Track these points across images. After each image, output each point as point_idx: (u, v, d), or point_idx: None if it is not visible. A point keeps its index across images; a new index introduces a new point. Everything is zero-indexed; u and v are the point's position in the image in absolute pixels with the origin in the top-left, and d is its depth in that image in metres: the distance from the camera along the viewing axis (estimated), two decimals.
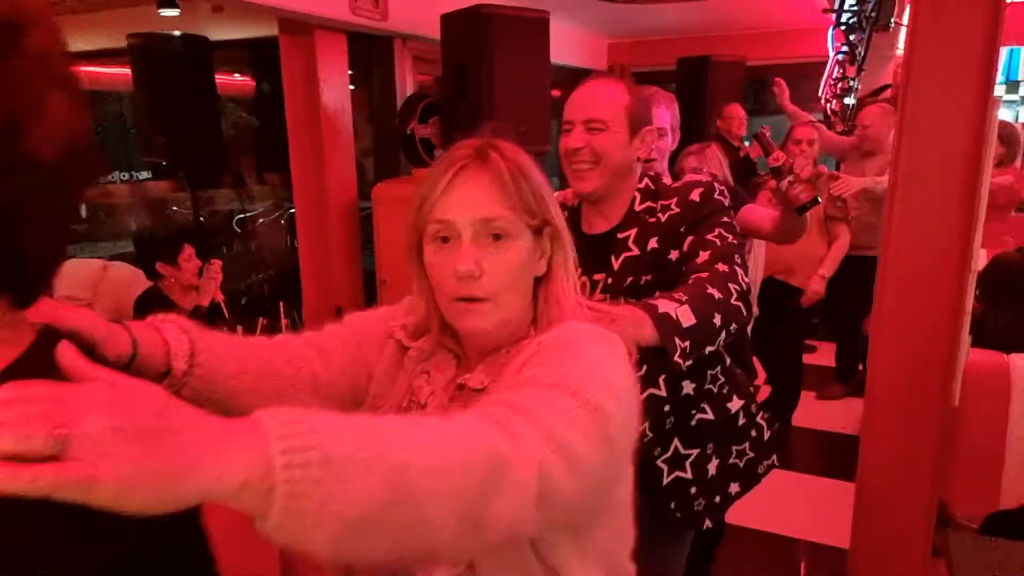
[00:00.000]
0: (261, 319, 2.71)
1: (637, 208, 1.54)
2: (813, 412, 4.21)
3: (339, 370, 1.02)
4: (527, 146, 1.23)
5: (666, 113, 1.98)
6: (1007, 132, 4.04)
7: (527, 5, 3.46)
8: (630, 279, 1.49)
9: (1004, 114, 5.57)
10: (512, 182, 0.89)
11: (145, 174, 6.27)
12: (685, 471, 1.59)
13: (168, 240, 3.09)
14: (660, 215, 1.51)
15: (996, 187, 3.92)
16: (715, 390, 1.62)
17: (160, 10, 3.41)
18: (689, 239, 1.47)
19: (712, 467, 1.61)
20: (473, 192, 0.89)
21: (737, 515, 3.12)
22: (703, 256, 1.42)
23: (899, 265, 1.94)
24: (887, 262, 1.96)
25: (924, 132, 1.87)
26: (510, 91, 3.34)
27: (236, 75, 5.41)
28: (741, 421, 1.65)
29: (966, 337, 1.99)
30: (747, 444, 1.67)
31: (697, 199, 1.50)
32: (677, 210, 1.51)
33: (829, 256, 3.67)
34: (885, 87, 5.43)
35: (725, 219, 1.50)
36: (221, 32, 4.11)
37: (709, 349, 1.34)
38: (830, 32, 3.72)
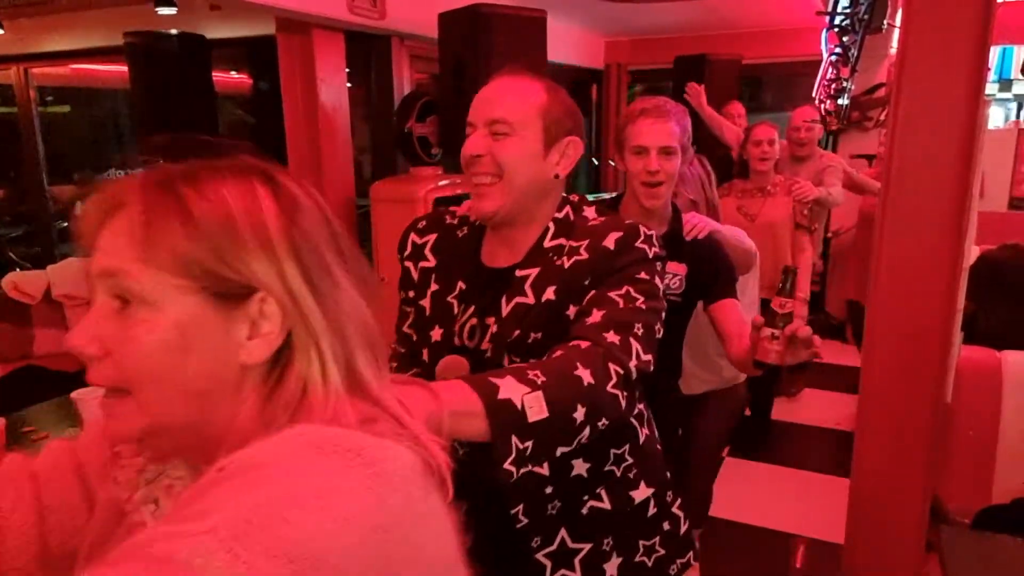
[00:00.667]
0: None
1: (547, 243, 1.23)
2: (807, 408, 4.24)
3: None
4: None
5: (676, 129, 1.77)
6: None
7: (525, 4, 3.48)
8: (517, 332, 1.18)
9: (996, 112, 5.61)
10: (152, 228, 0.61)
11: (140, 172, 6.25)
12: (574, 569, 1.25)
13: None
14: (565, 258, 1.20)
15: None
16: (618, 473, 1.28)
17: (157, 8, 3.41)
18: (591, 294, 1.16)
19: (612, 567, 1.28)
20: (104, 240, 0.64)
21: (732, 511, 3.16)
22: (594, 317, 1.11)
23: (891, 263, 1.96)
24: (879, 260, 1.98)
25: (916, 131, 1.89)
26: None
27: (232, 73, 5.40)
28: (651, 511, 1.33)
29: (958, 334, 2.01)
30: (657, 539, 1.34)
31: (612, 246, 1.18)
32: (585, 256, 1.19)
33: (800, 275, 3.41)
34: (878, 86, 5.47)
35: (642, 275, 1.18)
36: (218, 30, 4.11)
37: (561, 450, 1.02)
38: (824, 34, 3.74)
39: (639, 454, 1.31)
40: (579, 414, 0.99)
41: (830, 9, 2.74)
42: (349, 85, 3.86)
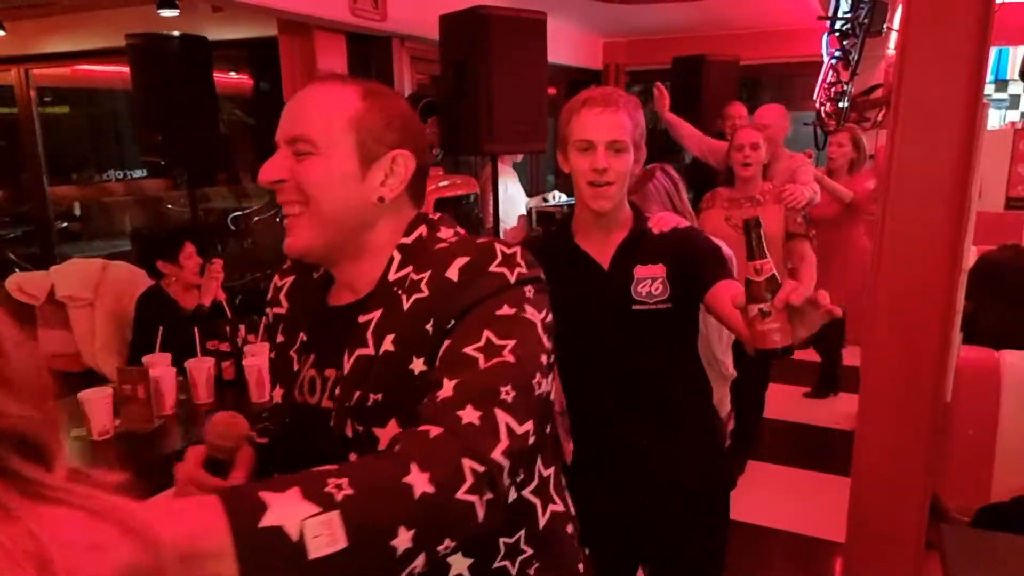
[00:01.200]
0: (263, 318, 2.73)
1: (391, 276, 0.96)
2: (808, 408, 4.27)
3: None
4: (525, 144, 1.31)
5: (626, 121, 1.51)
6: (857, 137, 4.14)
7: (524, 6, 3.49)
8: (357, 394, 0.92)
9: (992, 114, 5.64)
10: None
11: (139, 172, 6.27)
12: None
13: (168, 238, 3.10)
14: (405, 296, 0.93)
15: (862, 192, 4.02)
16: (512, 570, 0.97)
17: (159, 10, 3.42)
18: (443, 348, 0.88)
19: None
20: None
21: (734, 510, 3.17)
22: (445, 390, 0.81)
23: (892, 264, 1.98)
24: (880, 261, 2.00)
25: (916, 133, 1.91)
26: (508, 90, 3.37)
27: (233, 74, 5.41)
28: None
29: (957, 334, 2.03)
30: None
31: (455, 277, 0.91)
32: (424, 293, 0.92)
33: (803, 285, 3.19)
34: (875, 87, 5.49)
35: (504, 309, 0.88)
36: (220, 32, 4.12)
37: None
38: (824, 38, 3.76)
39: (541, 542, 1.00)
40: (403, 539, 0.67)
41: (831, 14, 2.76)
42: None
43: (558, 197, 5.67)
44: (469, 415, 0.77)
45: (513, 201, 4.79)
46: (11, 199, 6.02)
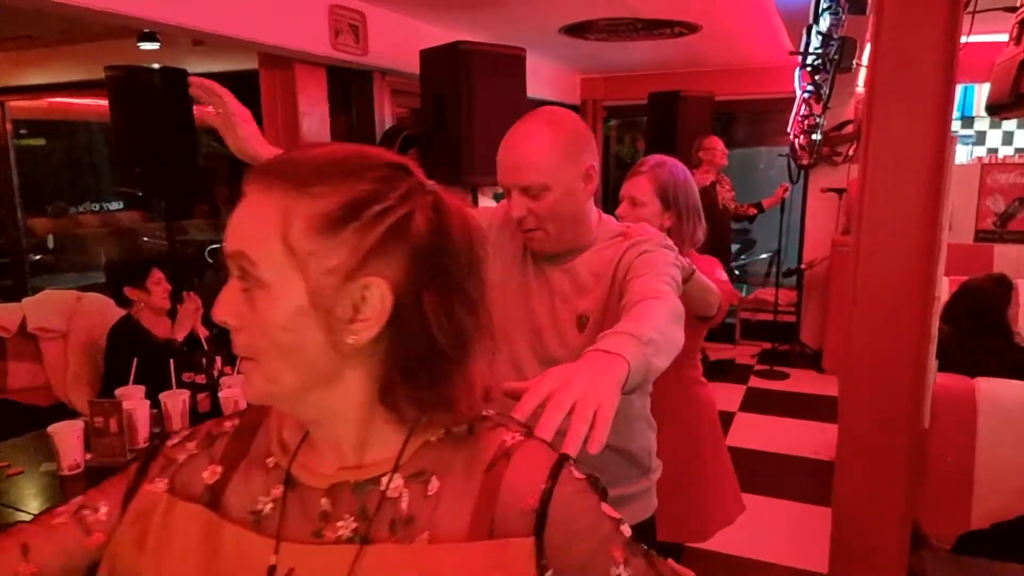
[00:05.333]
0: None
1: None
2: (786, 438, 4.28)
3: None
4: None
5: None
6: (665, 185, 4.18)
7: (504, 41, 3.55)
8: None
9: (960, 149, 5.80)
10: None
11: (116, 204, 6.22)
12: None
13: (136, 264, 3.05)
14: None
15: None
16: None
17: (140, 44, 3.43)
18: None
19: None
20: None
21: (716, 541, 3.16)
22: None
23: (866, 295, 2.01)
24: (856, 291, 2.04)
25: (886, 168, 1.96)
26: (488, 124, 3.40)
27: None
28: None
29: (933, 362, 2.06)
30: None
31: None
32: None
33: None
34: (846, 123, 5.64)
35: None
36: (200, 65, 4.13)
37: None
38: (797, 73, 3.87)
39: None
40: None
41: (802, 50, 2.84)
42: (330, 118, 3.89)
43: None
44: None
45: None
46: None
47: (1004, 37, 2.17)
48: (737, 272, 7.10)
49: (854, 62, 2.40)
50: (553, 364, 1.17)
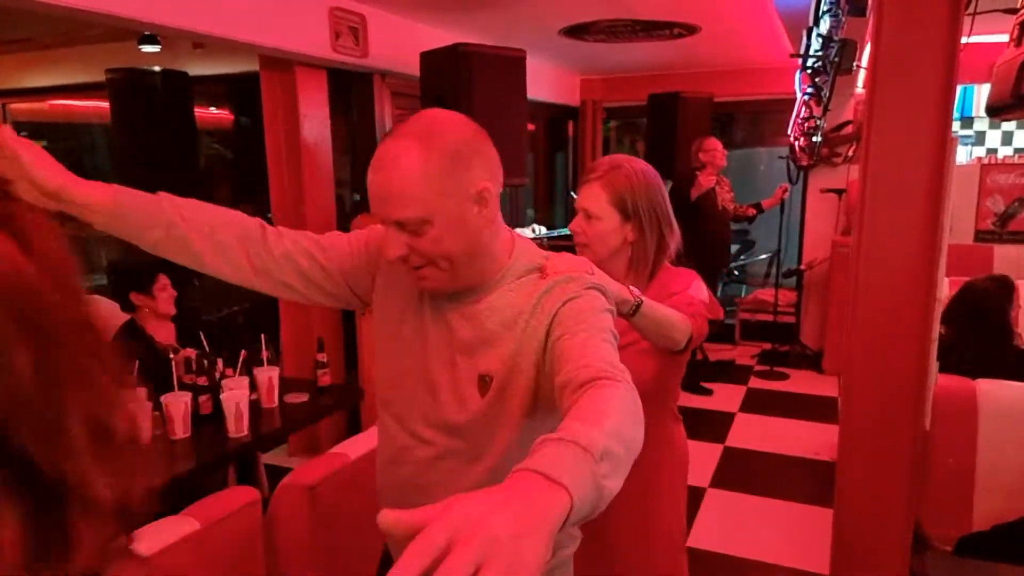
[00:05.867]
0: (243, 351, 2.70)
1: None
2: (787, 439, 4.28)
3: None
4: (505, 179, 1.21)
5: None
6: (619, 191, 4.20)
7: (504, 43, 3.56)
8: None
9: (959, 150, 5.81)
10: None
11: None
12: None
13: (142, 270, 3.06)
14: None
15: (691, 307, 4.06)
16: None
17: (141, 46, 3.43)
18: None
19: None
20: None
21: (717, 543, 3.17)
22: None
23: (868, 296, 2.02)
24: (857, 293, 2.04)
25: (887, 170, 1.96)
26: (487, 126, 3.38)
27: (213, 108, 5.42)
28: None
29: (934, 363, 2.07)
30: None
31: None
32: None
33: None
34: (845, 123, 5.64)
35: None
36: (201, 67, 4.14)
37: None
38: (797, 75, 3.88)
39: None
40: None
41: (803, 52, 2.85)
42: (331, 120, 3.90)
43: (538, 230, 5.71)
44: None
45: None
46: None
47: (1002, 38, 2.17)
48: (736, 272, 7.10)
49: (854, 64, 2.41)
50: (449, 432, 1.15)
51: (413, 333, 1.19)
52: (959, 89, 6.05)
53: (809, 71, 2.83)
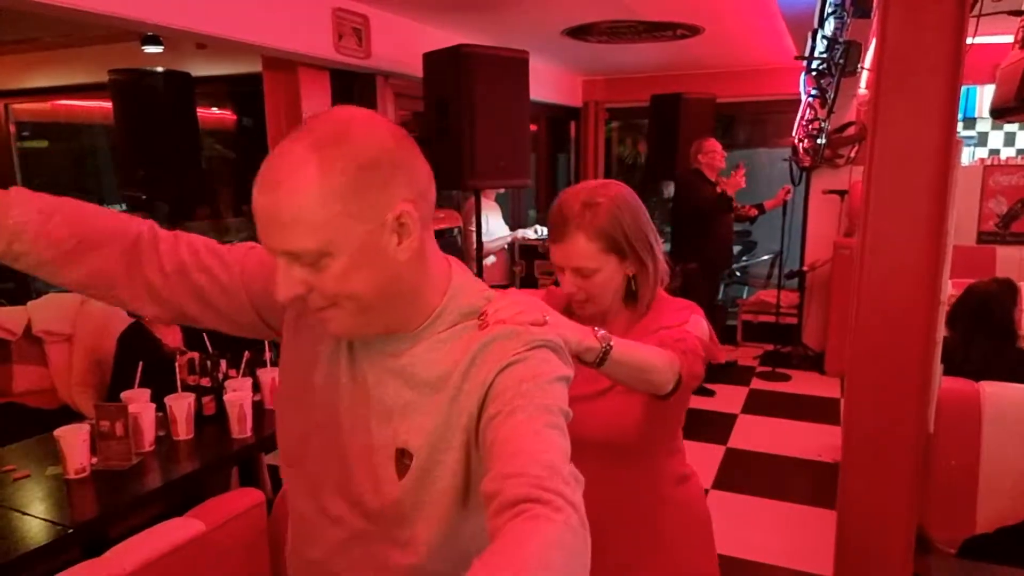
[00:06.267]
0: (246, 352, 2.70)
1: None
2: (789, 440, 4.28)
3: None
4: (507, 179, 1.10)
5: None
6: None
7: (506, 44, 3.56)
8: None
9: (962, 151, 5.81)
10: None
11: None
12: None
13: None
14: None
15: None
16: None
17: (144, 47, 3.43)
18: None
19: None
20: None
21: (719, 544, 3.15)
22: None
23: (872, 298, 2.01)
24: (861, 294, 2.04)
25: (892, 171, 1.96)
26: (490, 127, 3.41)
27: (215, 109, 5.42)
28: None
29: (938, 366, 2.06)
30: None
31: None
32: None
33: None
34: (848, 124, 5.64)
35: None
36: (204, 68, 4.14)
37: None
38: (802, 77, 3.88)
39: None
40: None
41: (808, 54, 2.85)
42: None
43: (540, 231, 5.71)
44: None
45: (492, 236, 4.82)
46: None
47: (1005, 39, 2.17)
48: (739, 274, 7.10)
49: (860, 66, 2.40)
50: (364, 514, 0.91)
51: (325, 382, 0.95)
52: (962, 90, 6.05)
53: (814, 73, 2.83)
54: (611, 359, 1.12)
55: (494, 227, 5.00)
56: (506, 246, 5.48)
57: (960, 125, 6.18)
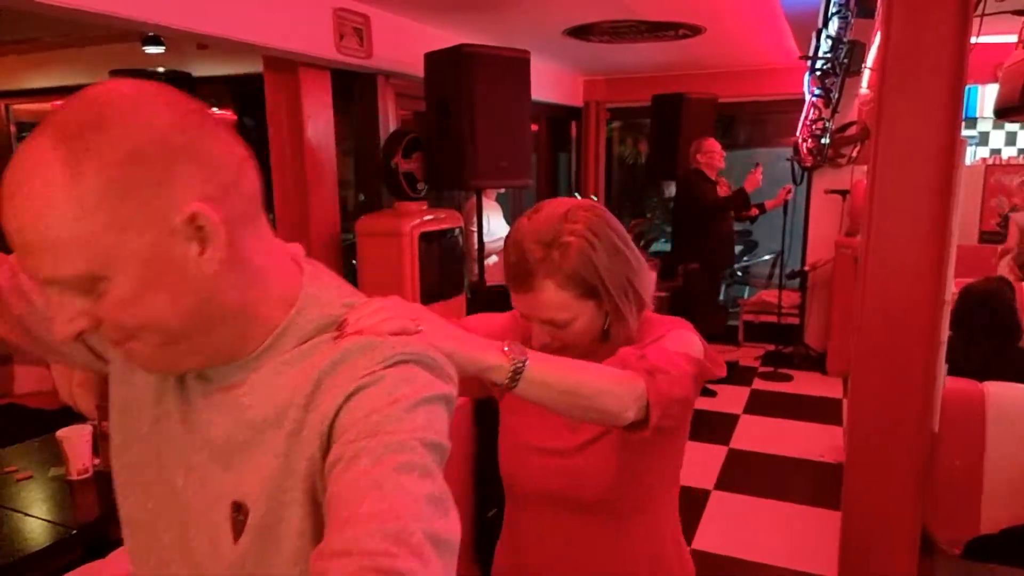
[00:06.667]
0: None
1: None
2: (792, 441, 4.27)
3: None
4: (508, 179, 0.97)
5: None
6: None
7: (507, 44, 3.56)
8: None
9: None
10: None
11: None
12: None
13: None
14: None
15: None
16: None
17: (145, 47, 3.43)
18: None
19: None
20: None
21: (721, 545, 3.16)
22: None
23: (876, 297, 2.01)
24: (864, 295, 2.03)
25: (896, 171, 1.96)
26: (491, 127, 3.41)
27: (216, 109, 5.42)
28: None
29: (942, 366, 2.06)
30: None
31: None
32: None
33: None
34: (850, 124, 5.63)
35: None
36: (205, 68, 4.13)
37: None
38: (806, 77, 3.89)
39: None
40: None
41: (812, 54, 2.85)
42: (335, 121, 3.90)
43: None
44: None
45: (494, 236, 4.82)
46: None
47: (1007, 38, 2.16)
48: (740, 273, 7.09)
49: (863, 66, 2.40)
50: None
51: (153, 420, 0.77)
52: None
53: (818, 73, 2.83)
54: (527, 379, 0.92)
55: (495, 227, 4.99)
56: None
57: (961, 125, 6.21)
